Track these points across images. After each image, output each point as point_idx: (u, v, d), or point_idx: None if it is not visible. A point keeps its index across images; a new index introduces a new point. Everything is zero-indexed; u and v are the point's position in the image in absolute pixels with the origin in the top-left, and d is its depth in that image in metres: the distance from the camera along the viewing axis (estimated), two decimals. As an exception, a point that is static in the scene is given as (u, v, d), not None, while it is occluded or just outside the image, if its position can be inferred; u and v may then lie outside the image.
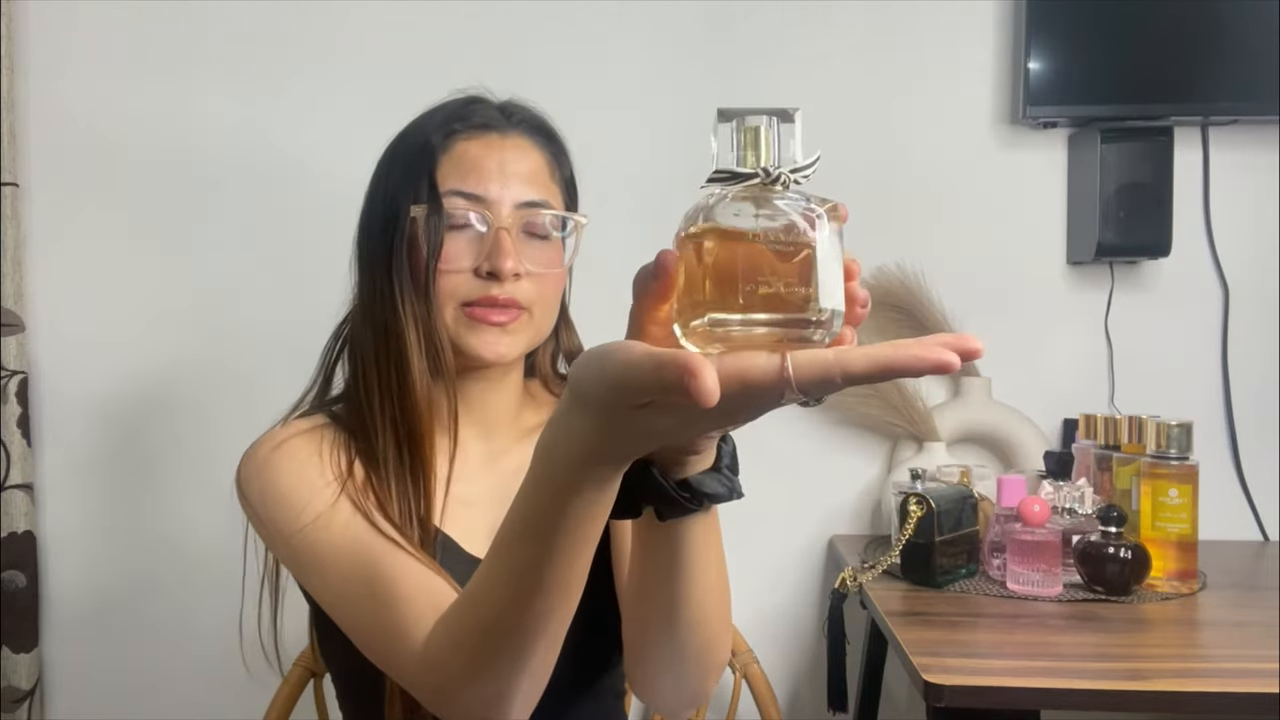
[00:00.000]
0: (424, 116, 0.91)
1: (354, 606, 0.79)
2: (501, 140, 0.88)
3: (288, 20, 1.61)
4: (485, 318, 0.85)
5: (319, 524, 0.81)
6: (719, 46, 1.61)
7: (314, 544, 0.81)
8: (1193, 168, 1.59)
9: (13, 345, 1.56)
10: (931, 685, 0.93)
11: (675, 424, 0.51)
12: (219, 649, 1.65)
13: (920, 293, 1.57)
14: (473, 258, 0.85)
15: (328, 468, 0.84)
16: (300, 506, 0.81)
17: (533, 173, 0.89)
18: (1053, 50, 1.53)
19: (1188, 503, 1.22)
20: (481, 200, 0.86)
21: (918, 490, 1.24)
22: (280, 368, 1.65)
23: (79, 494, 1.64)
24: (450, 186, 0.86)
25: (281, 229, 1.62)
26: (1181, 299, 1.61)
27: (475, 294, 0.85)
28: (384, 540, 0.80)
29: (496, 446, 0.94)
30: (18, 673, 1.57)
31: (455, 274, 0.85)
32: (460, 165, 0.87)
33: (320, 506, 0.81)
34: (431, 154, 0.87)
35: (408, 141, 0.90)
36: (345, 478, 0.84)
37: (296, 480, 0.83)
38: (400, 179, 0.87)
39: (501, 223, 0.85)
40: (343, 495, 0.82)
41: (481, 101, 0.92)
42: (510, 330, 0.86)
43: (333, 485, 0.83)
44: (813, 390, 0.45)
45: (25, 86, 1.61)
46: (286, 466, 0.84)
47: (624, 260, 0.66)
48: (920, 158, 1.61)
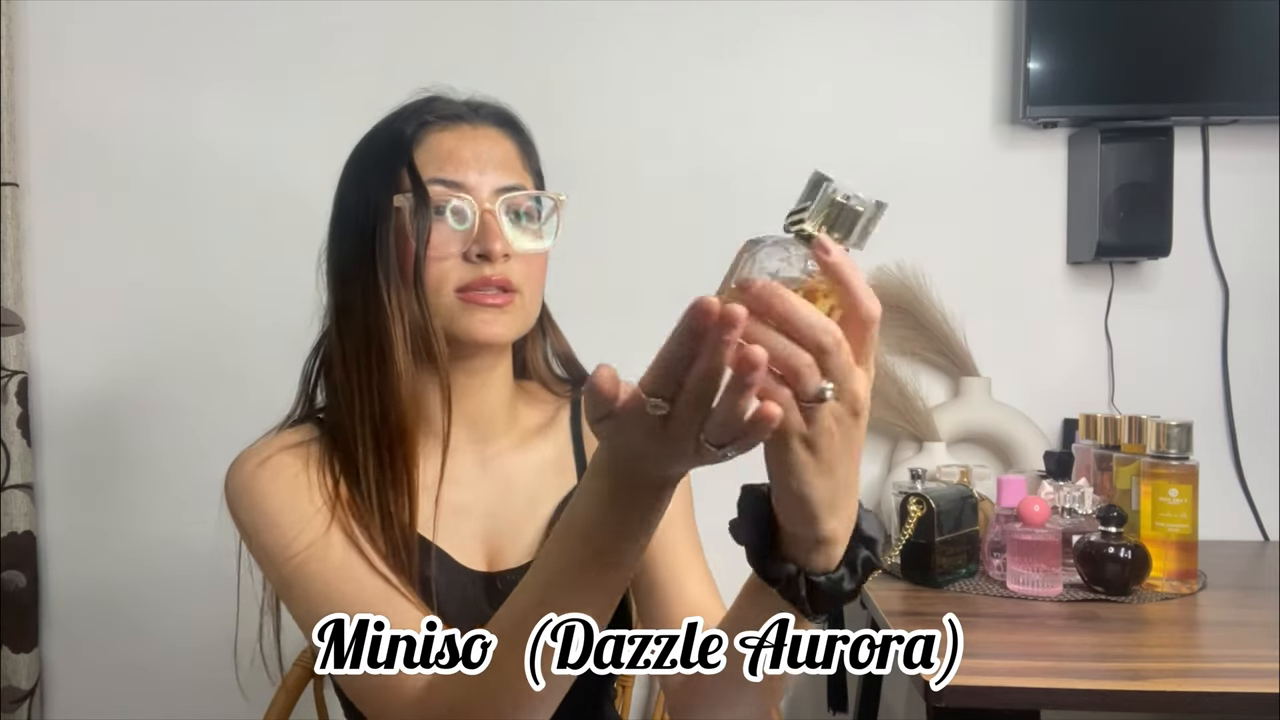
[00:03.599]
0: (390, 116, 0.91)
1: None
2: (473, 130, 0.88)
3: (287, 21, 1.61)
4: (481, 300, 0.84)
5: (312, 554, 0.80)
6: (719, 46, 1.61)
7: (307, 576, 0.80)
8: (1193, 168, 1.59)
9: (13, 345, 1.56)
10: (931, 685, 0.93)
11: (634, 437, 0.54)
12: (219, 649, 1.65)
13: (920, 293, 1.57)
14: (460, 243, 0.84)
15: (316, 491, 0.83)
16: (291, 534, 0.81)
17: (506, 159, 0.89)
18: (1053, 50, 1.53)
19: (1188, 503, 1.22)
20: (461, 186, 0.85)
21: (918, 490, 1.23)
22: (280, 368, 1.65)
23: (79, 494, 1.64)
24: (429, 175, 0.85)
25: (282, 230, 1.62)
26: (1181, 299, 1.61)
27: (468, 277, 0.84)
28: (379, 581, 0.79)
29: (490, 450, 0.92)
30: (18, 673, 1.57)
31: (445, 260, 0.84)
32: (436, 155, 0.86)
33: (312, 535, 0.80)
34: (406, 146, 0.86)
35: (378, 140, 0.90)
36: (334, 500, 0.83)
37: (285, 503, 0.82)
38: (375, 175, 0.87)
39: (485, 205, 0.85)
40: (334, 524, 0.81)
41: (444, 98, 0.92)
42: (505, 311, 0.85)
43: (323, 512, 0.82)
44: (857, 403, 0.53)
45: (25, 86, 1.61)
46: (272, 487, 0.83)
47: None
48: (920, 158, 1.61)
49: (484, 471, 0.91)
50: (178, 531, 1.64)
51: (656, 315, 0.76)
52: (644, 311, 1.61)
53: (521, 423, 0.95)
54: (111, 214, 1.63)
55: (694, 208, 1.61)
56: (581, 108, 1.61)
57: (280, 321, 1.63)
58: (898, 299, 1.58)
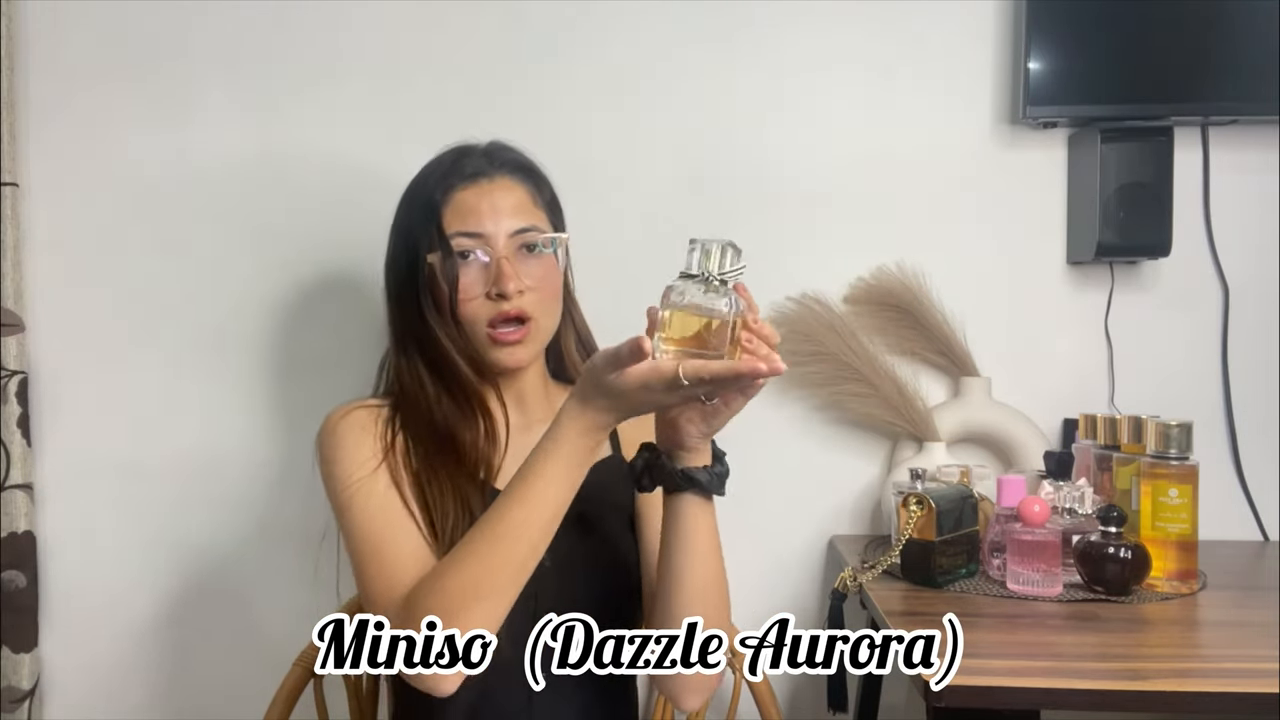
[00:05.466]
0: (426, 171, 1.13)
1: (365, 550, 1.00)
2: (490, 184, 1.09)
3: (288, 21, 1.61)
4: (504, 339, 1.07)
5: (362, 486, 1.02)
6: (718, 46, 1.61)
7: (353, 498, 1.02)
8: (1193, 168, 1.59)
9: (13, 345, 1.56)
10: (931, 685, 0.93)
11: (631, 388, 0.84)
12: (219, 649, 1.65)
13: (920, 293, 1.58)
14: (483, 285, 1.07)
15: (378, 441, 1.06)
16: (352, 468, 1.03)
17: (519, 205, 1.10)
18: (1053, 50, 1.53)
19: (1188, 503, 1.22)
20: (481, 236, 1.07)
21: (918, 490, 1.23)
22: (280, 369, 1.66)
23: (79, 494, 1.64)
24: (454, 229, 1.07)
25: (282, 230, 1.62)
26: (1181, 299, 1.61)
27: (491, 313, 1.07)
28: (404, 513, 1.01)
29: (531, 417, 1.14)
30: (18, 673, 1.57)
31: (472, 300, 1.07)
32: (460, 212, 1.08)
33: (364, 474, 1.03)
34: (436, 208, 1.08)
35: (417, 196, 1.12)
36: (389, 450, 1.05)
37: (352, 447, 1.05)
38: (416, 229, 1.09)
39: (500, 252, 1.07)
40: (383, 467, 1.04)
41: (469, 153, 1.12)
42: (524, 343, 1.08)
43: (378, 456, 1.04)
44: (693, 381, 0.82)
45: (25, 86, 1.61)
46: (346, 435, 1.06)
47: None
48: (920, 158, 1.61)
49: (528, 431, 1.10)
50: (177, 531, 1.64)
51: (644, 308, 0.84)
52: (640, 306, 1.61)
53: (555, 405, 1.08)
54: (111, 214, 1.63)
55: (693, 208, 1.61)
56: (580, 109, 1.61)
57: (280, 323, 1.64)
58: (897, 299, 1.58)
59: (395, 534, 0.99)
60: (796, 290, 1.58)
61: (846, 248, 1.61)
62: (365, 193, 1.53)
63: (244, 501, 1.63)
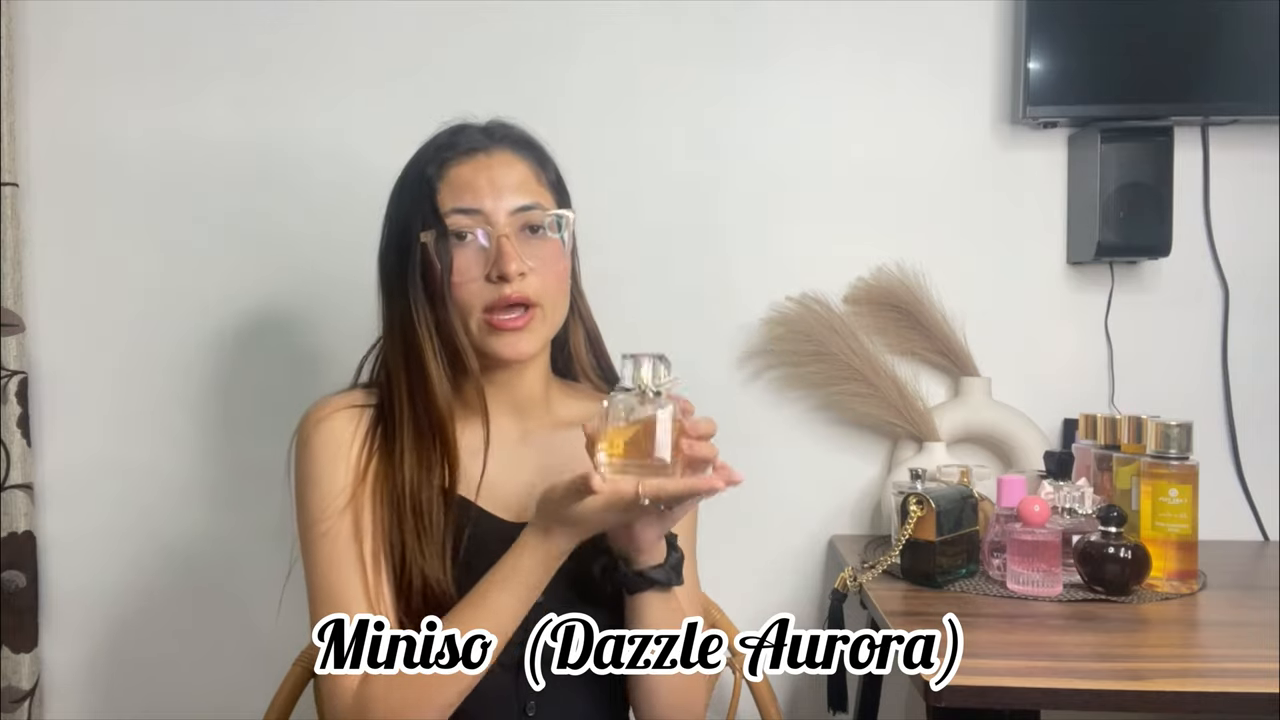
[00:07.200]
0: (420, 151, 1.03)
1: (319, 597, 0.97)
2: (488, 159, 1.00)
3: (287, 21, 1.61)
4: (504, 325, 0.97)
5: (328, 532, 0.97)
6: (719, 47, 1.61)
7: (317, 542, 0.97)
8: (1193, 168, 1.59)
9: (13, 345, 1.56)
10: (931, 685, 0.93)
11: (593, 513, 0.85)
12: (219, 649, 1.65)
13: (920, 293, 1.58)
14: (482, 266, 0.96)
15: (351, 470, 0.99)
16: (323, 503, 0.97)
17: (520, 181, 1.00)
18: (1053, 50, 1.53)
19: (1188, 503, 1.22)
20: (479, 213, 0.97)
21: (918, 490, 1.23)
22: (280, 368, 1.66)
23: (79, 494, 1.64)
24: (450, 206, 0.97)
25: (283, 231, 1.62)
26: (1181, 299, 1.61)
27: (490, 297, 0.96)
28: (359, 570, 0.96)
29: (528, 425, 1.06)
30: (18, 673, 1.57)
31: (470, 283, 0.96)
32: (455, 187, 0.98)
33: (332, 514, 0.97)
34: (430, 183, 0.98)
35: (409, 175, 1.02)
36: (362, 477, 0.98)
37: (325, 478, 0.98)
38: (408, 208, 1.00)
39: (500, 230, 0.96)
40: (348, 510, 0.97)
41: (466, 128, 1.03)
42: (527, 330, 0.98)
43: (348, 490, 0.97)
44: (653, 500, 0.82)
45: (25, 86, 1.61)
46: (320, 455, 0.99)
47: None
48: (920, 158, 1.61)
49: (522, 442, 1.05)
50: (177, 531, 1.64)
51: (644, 309, 0.83)
52: (641, 306, 1.61)
53: (556, 412, 1.07)
54: (111, 214, 1.63)
55: (692, 209, 1.61)
56: (578, 112, 1.61)
57: (281, 322, 1.64)
58: (897, 299, 1.58)
59: (348, 591, 0.96)
60: (797, 290, 1.58)
61: (846, 248, 1.61)
62: (366, 193, 1.52)
63: (244, 501, 1.63)
